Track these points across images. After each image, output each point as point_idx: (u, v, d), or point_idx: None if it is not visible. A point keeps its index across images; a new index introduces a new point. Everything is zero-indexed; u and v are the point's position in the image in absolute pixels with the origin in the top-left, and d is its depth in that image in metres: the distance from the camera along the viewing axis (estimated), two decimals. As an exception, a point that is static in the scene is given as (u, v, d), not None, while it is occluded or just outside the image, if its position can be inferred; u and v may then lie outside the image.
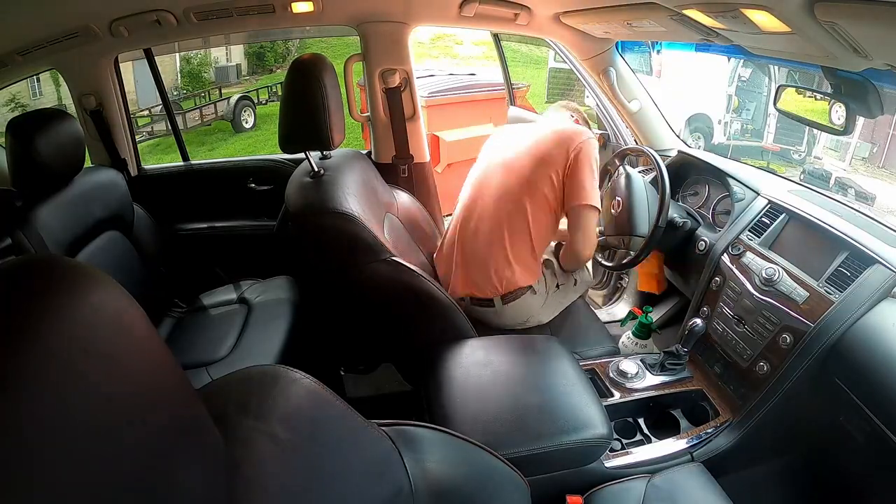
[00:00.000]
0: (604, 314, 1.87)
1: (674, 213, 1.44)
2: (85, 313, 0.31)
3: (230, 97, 8.08)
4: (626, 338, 1.57)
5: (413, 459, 0.60)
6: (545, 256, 1.45)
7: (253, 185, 1.87)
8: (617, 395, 1.24)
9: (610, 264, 1.57)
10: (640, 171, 1.58)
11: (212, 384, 0.53)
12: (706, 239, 1.41)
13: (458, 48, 10.03)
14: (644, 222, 1.40)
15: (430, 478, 0.61)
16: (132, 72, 4.57)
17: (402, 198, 1.58)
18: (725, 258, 1.33)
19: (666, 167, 1.42)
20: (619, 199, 1.45)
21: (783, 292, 1.16)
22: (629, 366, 1.28)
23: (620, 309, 1.89)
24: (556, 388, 1.09)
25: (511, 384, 1.12)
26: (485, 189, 1.42)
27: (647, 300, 1.74)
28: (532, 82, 6.71)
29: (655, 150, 1.54)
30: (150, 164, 1.96)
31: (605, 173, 1.57)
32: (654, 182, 1.48)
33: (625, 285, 1.97)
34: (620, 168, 1.50)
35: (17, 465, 0.26)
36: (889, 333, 0.98)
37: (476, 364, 1.17)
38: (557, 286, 1.45)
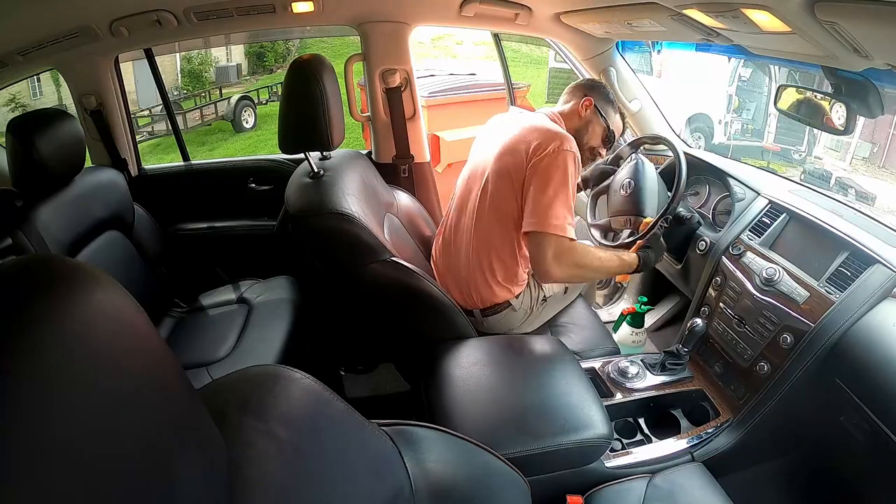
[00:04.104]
0: (604, 314, 1.87)
1: (680, 207, 1.43)
2: (85, 313, 0.31)
3: (230, 97, 8.10)
4: (621, 329, 1.58)
5: (413, 459, 0.60)
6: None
7: (253, 185, 1.87)
8: (617, 395, 1.24)
9: (612, 244, 1.52)
10: None
11: (212, 384, 0.53)
12: (707, 239, 1.40)
13: (459, 48, 10.03)
14: (653, 206, 1.39)
15: (431, 478, 0.61)
16: (132, 72, 4.58)
17: (402, 198, 1.58)
18: (726, 258, 1.32)
19: (666, 166, 1.42)
20: (630, 181, 1.43)
21: (783, 292, 1.16)
22: (629, 366, 1.28)
23: (621, 309, 1.89)
24: (556, 388, 1.09)
25: (511, 384, 1.12)
26: (462, 200, 1.36)
27: (646, 295, 1.75)
28: (532, 82, 6.71)
29: (656, 148, 1.54)
30: (150, 164, 1.96)
31: (618, 159, 1.56)
32: (662, 175, 1.48)
33: (625, 285, 1.97)
34: (633, 155, 1.49)
35: (17, 465, 0.26)
36: (889, 333, 0.98)
37: (476, 364, 1.17)
38: (545, 299, 1.41)
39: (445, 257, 1.40)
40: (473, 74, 5.20)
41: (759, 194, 1.37)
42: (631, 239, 1.44)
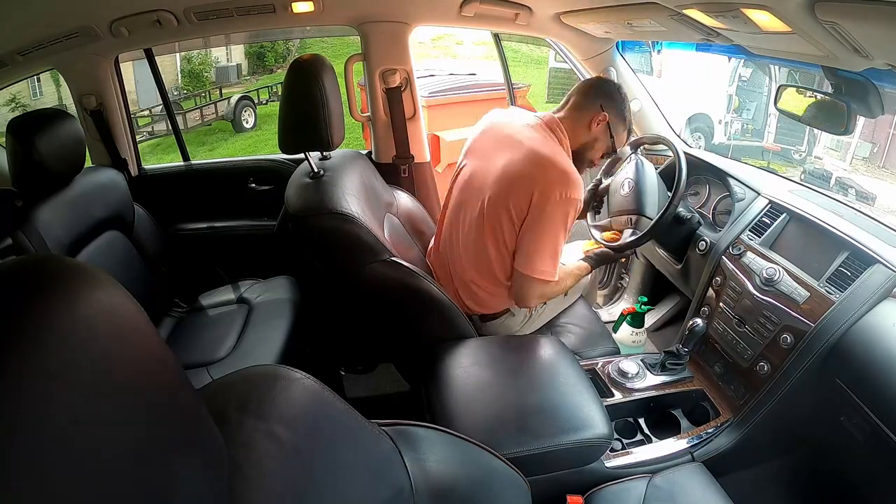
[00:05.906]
0: (604, 314, 1.87)
1: (680, 207, 1.43)
2: (85, 313, 0.31)
3: (231, 97, 8.09)
4: (621, 329, 1.58)
5: (413, 459, 0.60)
6: None
7: (253, 185, 1.87)
8: (617, 395, 1.24)
9: (613, 245, 1.52)
10: None
11: (212, 384, 0.53)
12: (707, 239, 1.40)
13: (459, 48, 10.03)
14: (654, 205, 1.38)
15: (431, 478, 0.61)
16: (132, 72, 4.58)
17: (402, 198, 1.58)
18: (726, 258, 1.32)
19: (666, 166, 1.42)
20: (630, 179, 1.42)
21: (784, 292, 1.16)
22: (629, 366, 1.28)
23: (621, 309, 1.89)
24: (556, 388, 1.09)
25: (511, 384, 1.12)
26: (458, 210, 1.33)
27: (646, 295, 1.75)
28: (532, 82, 6.72)
29: (656, 148, 1.53)
30: (150, 164, 1.96)
31: (616, 161, 1.56)
32: (662, 175, 1.48)
33: (625, 285, 1.97)
34: (633, 155, 1.49)
35: (17, 464, 0.26)
36: (889, 333, 0.98)
37: (476, 364, 1.17)
38: (545, 302, 1.41)
39: (442, 264, 1.39)
40: (473, 74, 5.21)
41: (759, 194, 1.37)
42: (631, 240, 1.44)
